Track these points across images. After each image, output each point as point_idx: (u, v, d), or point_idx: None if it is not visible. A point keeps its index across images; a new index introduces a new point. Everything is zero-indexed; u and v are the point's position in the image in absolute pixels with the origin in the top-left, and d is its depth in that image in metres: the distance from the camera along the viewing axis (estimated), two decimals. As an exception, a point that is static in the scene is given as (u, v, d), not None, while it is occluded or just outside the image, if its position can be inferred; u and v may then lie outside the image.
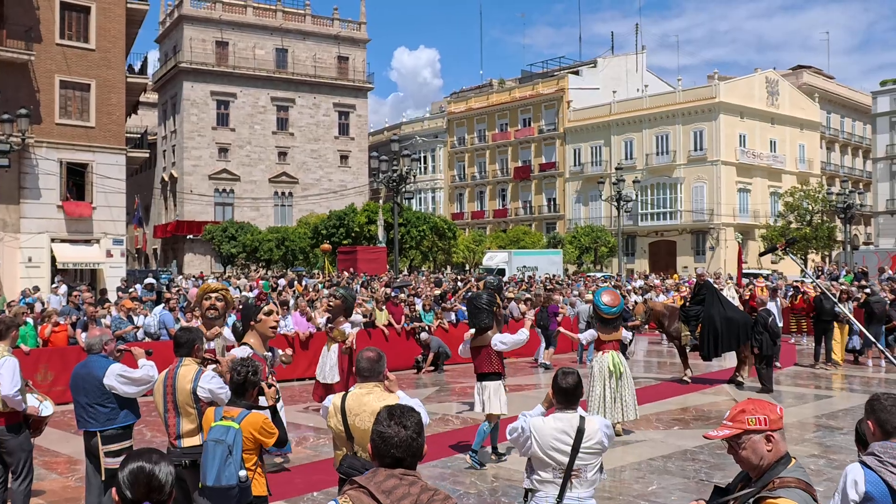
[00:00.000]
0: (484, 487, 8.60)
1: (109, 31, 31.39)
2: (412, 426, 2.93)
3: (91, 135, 30.86)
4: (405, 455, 2.90)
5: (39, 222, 29.67)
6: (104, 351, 6.70)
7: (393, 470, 2.87)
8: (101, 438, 6.50)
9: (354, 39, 69.55)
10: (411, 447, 2.90)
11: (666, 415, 12.69)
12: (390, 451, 2.91)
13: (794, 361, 19.24)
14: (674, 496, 8.19)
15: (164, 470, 2.80)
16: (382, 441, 2.93)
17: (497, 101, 72.87)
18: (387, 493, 2.77)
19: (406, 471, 2.88)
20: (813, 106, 66.01)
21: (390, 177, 31.27)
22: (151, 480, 2.76)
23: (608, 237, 56.48)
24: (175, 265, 54.33)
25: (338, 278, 28.94)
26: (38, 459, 8.01)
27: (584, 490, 4.62)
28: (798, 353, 20.50)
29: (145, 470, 2.77)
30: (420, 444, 2.93)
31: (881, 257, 39.10)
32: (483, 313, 9.74)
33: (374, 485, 2.81)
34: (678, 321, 15.89)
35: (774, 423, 3.25)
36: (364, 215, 47.87)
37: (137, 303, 18.13)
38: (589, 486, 4.64)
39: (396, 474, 2.85)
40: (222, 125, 63.79)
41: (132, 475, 2.76)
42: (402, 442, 2.90)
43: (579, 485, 4.59)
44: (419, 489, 2.81)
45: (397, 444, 2.90)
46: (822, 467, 9.22)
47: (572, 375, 4.80)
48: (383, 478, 2.84)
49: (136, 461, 2.80)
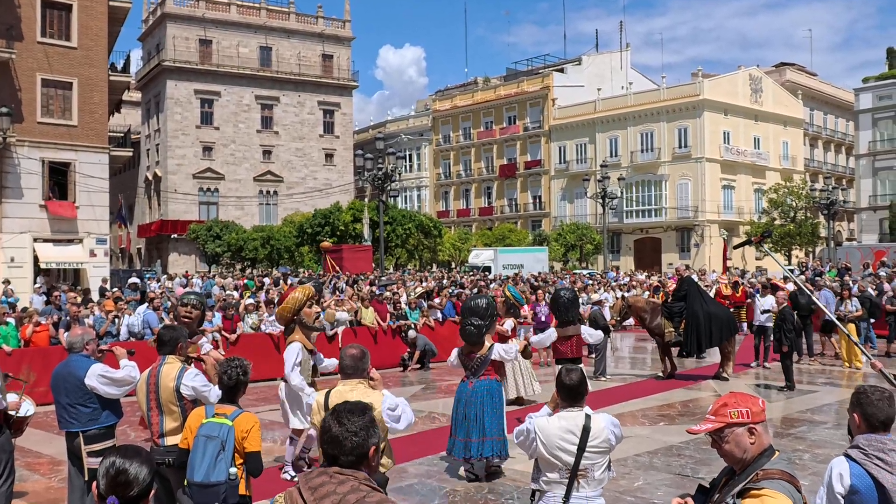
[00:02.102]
0: (471, 485, 8.58)
1: (91, 29, 31.13)
2: (349, 424, 2.80)
3: (73, 134, 30.62)
4: (336, 452, 2.77)
5: (22, 222, 29.40)
6: (86, 350, 6.61)
7: (328, 468, 2.76)
8: (84, 439, 6.42)
9: (339, 37, 69.37)
10: (342, 445, 2.77)
11: (651, 411, 12.72)
12: (323, 445, 2.83)
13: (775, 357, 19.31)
14: (660, 491, 8.20)
15: (136, 467, 2.82)
16: (320, 434, 2.87)
17: (482, 99, 72.86)
18: (312, 490, 2.67)
19: (341, 470, 2.74)
20: (796, 103, 66.38)
21: (375, 175, 31.21)
22: (119, 476, 2.79)
23: (593, 234, 56.59)
24: (159, 265, 53.96)
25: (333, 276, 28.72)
26: (20, 460, 7.94)
27: (592, 490, 4.55)
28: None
29: (116, 465, 2.81)
30: (356, 443, 2.77)
31: (864, 253, 39.36)
32: (574, 308, 10.60)
33: (305, 480, 2.72)
34: (661, 317, 15.89)
35: (757, 415, 3.25)
36: (349, 214, 47.79)
37: (121, 303, 18.00)
38: (597, 486, 4.58)
39: (329, 472, 2.73)
40: (206, 124, 63.49)
41: (104, 469, 2.81)
42: (332, 438, 2.79)
43: (586, 484, 4.52)
44: (348, 488, 2.67)
45: (328, 440, 2.80)
46: (807, 461, 9.25)
47: (576, 372, 4.74)
48: (315, 475, 2.74)
49: (111, 456, 2.85)
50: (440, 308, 20.38)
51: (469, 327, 8.63)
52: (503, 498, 8.07)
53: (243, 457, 5.06)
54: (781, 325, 14.88)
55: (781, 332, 14.82)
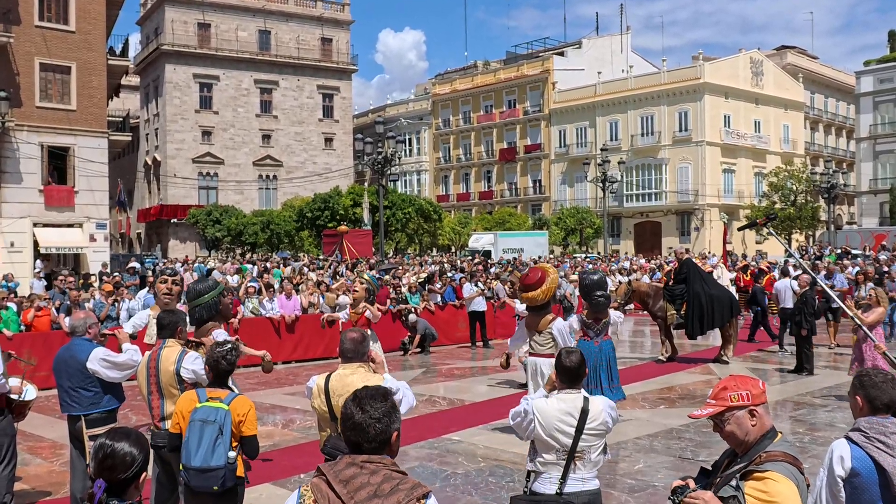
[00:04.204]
0: (471, 468, 8.61)
1: (89, 13, 30.96)
2: (372, 410, 2.77)
3: (72, 118, 30.52)
4: (360, 439, 2.76)
5: (21, 207, 29.37)
6: (88, 334, 6.61)
7: (356, 456, 2.74)
8: (86, 422, 6.44)
9: (338, 21, 69.06)
10: (366, 432, 2.75)
11: (651, 394, 12.74)
12: (346, 432, 2.80)
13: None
14: (660, 474, 8.22)
15: (125, 449, 2.80)
16: (342, 421, 2.85)
17: (482, 83, 72.58)
18: (344, 483, 2.65)
19: (370, 457, 2.73)
20: (797, 86, 66.14)
21: (375, 159, 31.13)
22: (107, 459, 2.79)
23: (594, 218, 56.54)
24: (159, 249, 53.96)
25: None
26: (23, 444, 7.96)
27: (588, 471, 4.58)
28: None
29: (104, 448, 2.80)
30: (380, 429, 2.76)
31: (864, 237, 39.38)
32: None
33: (333, 473, 2.69)
34: (663, 300, 15.90)
35: (757, 397, 3.26)
36: (349, 198, 47.72)
37: (121, 288, 18.01)
38: (593, 468, 4.61)
39: (358, 462, 2.71)
40: (205, 108, 63.32)
41: (94, 451, 2.83)
42: (356, 425, 2.76)
43: (583, 466, 4.56)
44: (381, 478, 2.67)
45: (351, 427, 2.78)
46: (807, 444, 9.28)
47: (575, 354, 4.74)
48: (343, 466, 2.71)
49: (103, 438, 2.85)
50: (440, 293, 20.38)
51: (601, 299, 10.09)
52: (504, 480, 8.09)
53: (239, 440, 5.06)
54: (803, 309, 14.55)
55: (802, 315, 14.45)
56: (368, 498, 2.63)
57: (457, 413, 11.62)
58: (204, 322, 7.98)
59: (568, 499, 4.50)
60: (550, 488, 4.55)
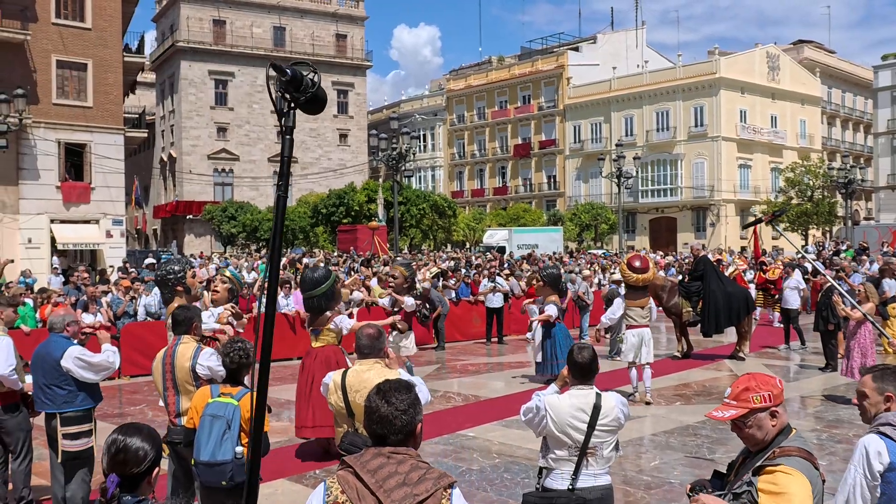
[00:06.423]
0: (486, 464, 8.60)
1: (105, 10, 31.12)
2: (397, 402, 2.80)
3: (89, 115, 30.69)
4: (386, 431, 2.78)
5: (38, 203, 29.57)
6: (66, 331, 6.55)
7: (382, 448, 2.77)
8: (60, 420, 6.38)
9: (353, 17, 69.08)
10: (392, 424, 2.77)
11: (667, 390, 12.69)
12: (372, 425, 2.82)
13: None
14: (675, 471, 8.18)
15: (137, 443, 2.81)
16: (366, 414, 2.87)
17: (496, 79, 72.47)
18: (372, 473, 2.68)
19: (396, 449, 2.76)
20: (814, 81, 65.66)
21: (390, 155, 31.15)
22: (119, 454, 2.79)
23: (608, 214, 56.36)
24: (175, 245, 54.18)
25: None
26: (38, 439, 7.99)
27: (600, 468, 4.57)
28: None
29: (117, 443, 2.81)
30: (406, 421, 2.79)
31: (882, 232, 39.03)
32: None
33: (360, 465, 2.72)
34: (678, 297, 15.80)
35: (777, 397, 3.25)
36: (364, 194, 47.75)
37: (139, 283, 18.09)
38: (605, 464, 4.60)
39: (384, 453, 2.74)
40: (220, 104, 63.52)
41: (106, 447, 2.82)
42: (381, 417, 2.79)
43: (595, 462, 4.54)
44: (409, 467, 2.70)
45: (377, 420, 2.80)
46: (825, 441, 9.20)
47: (588, 350, 4.71)
48: (370, 457, 2.74)
49: (115, 433, 2.85)
50: (454, 289, 20.35)
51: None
52: (519, 476, 8.08)
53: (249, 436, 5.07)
54: (827, 304, 14.24)
55: (829, 310, 14.10)
56: (397, 486, 2.65)
57: (471, 409, 11.61)
58: (322, 311, 7.94)
59: (580, 494, 4.48)
60: (562, 484, 4.53)
